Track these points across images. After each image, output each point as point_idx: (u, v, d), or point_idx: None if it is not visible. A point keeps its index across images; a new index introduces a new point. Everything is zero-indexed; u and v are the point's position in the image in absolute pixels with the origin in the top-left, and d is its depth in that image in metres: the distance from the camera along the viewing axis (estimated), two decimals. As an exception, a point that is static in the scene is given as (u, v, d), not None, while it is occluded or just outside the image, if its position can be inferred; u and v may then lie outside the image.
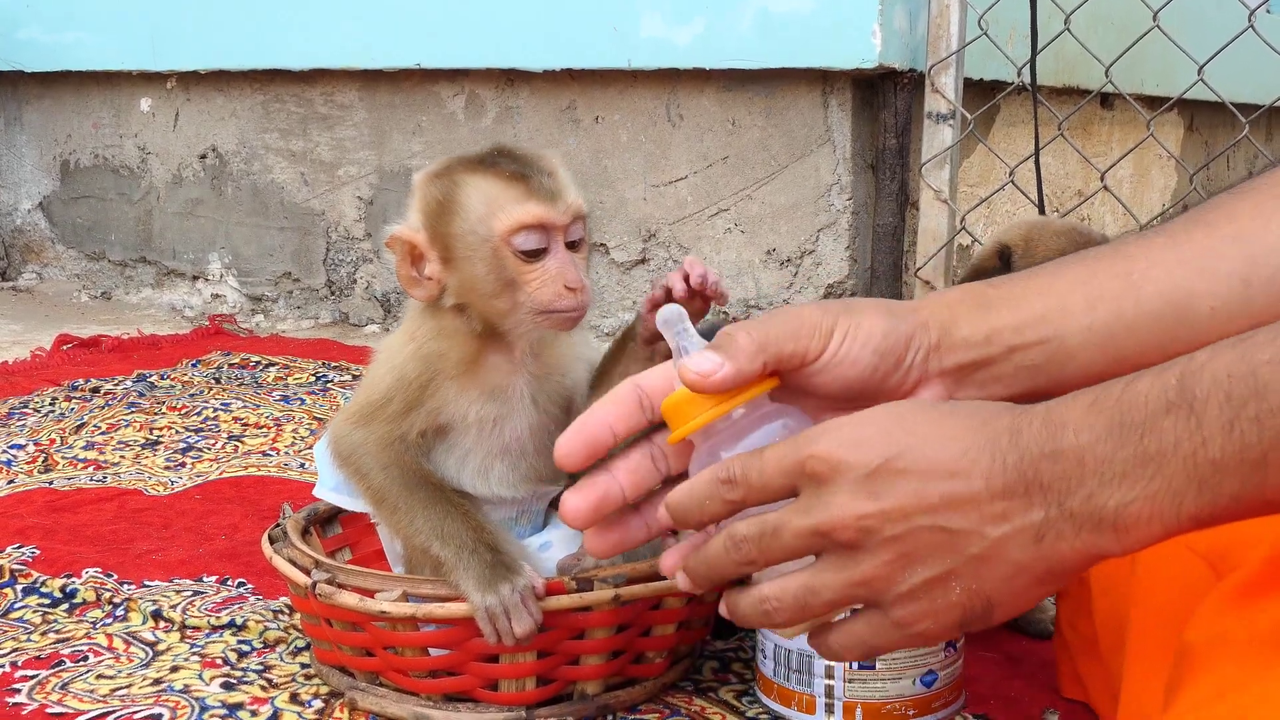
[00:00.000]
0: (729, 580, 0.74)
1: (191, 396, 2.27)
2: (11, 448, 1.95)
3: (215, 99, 3.31)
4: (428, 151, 3.04)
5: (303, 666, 1.21)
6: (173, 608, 1.34)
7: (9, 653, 1.24)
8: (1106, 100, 3.39)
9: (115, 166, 3.51)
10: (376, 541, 1.29)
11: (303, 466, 1.90)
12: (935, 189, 2.48)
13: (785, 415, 0.77)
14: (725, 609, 0.75)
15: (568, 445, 0.78)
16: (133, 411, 2.16)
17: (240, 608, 1.35)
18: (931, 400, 0.73)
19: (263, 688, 1.17)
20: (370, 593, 1.07)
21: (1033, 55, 2.25)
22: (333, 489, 1.19)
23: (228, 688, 1.17)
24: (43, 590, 1.38)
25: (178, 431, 2.06)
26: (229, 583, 1.43)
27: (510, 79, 2.91)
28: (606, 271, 2.81)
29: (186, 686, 1.17)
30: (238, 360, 2.59)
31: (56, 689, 1.17)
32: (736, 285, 2.71)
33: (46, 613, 1.34)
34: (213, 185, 3.36)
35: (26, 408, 2.21)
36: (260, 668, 1.22)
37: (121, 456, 1.93)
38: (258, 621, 1.30)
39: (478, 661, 1.07)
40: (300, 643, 1.26)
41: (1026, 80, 2.32)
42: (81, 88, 3.51)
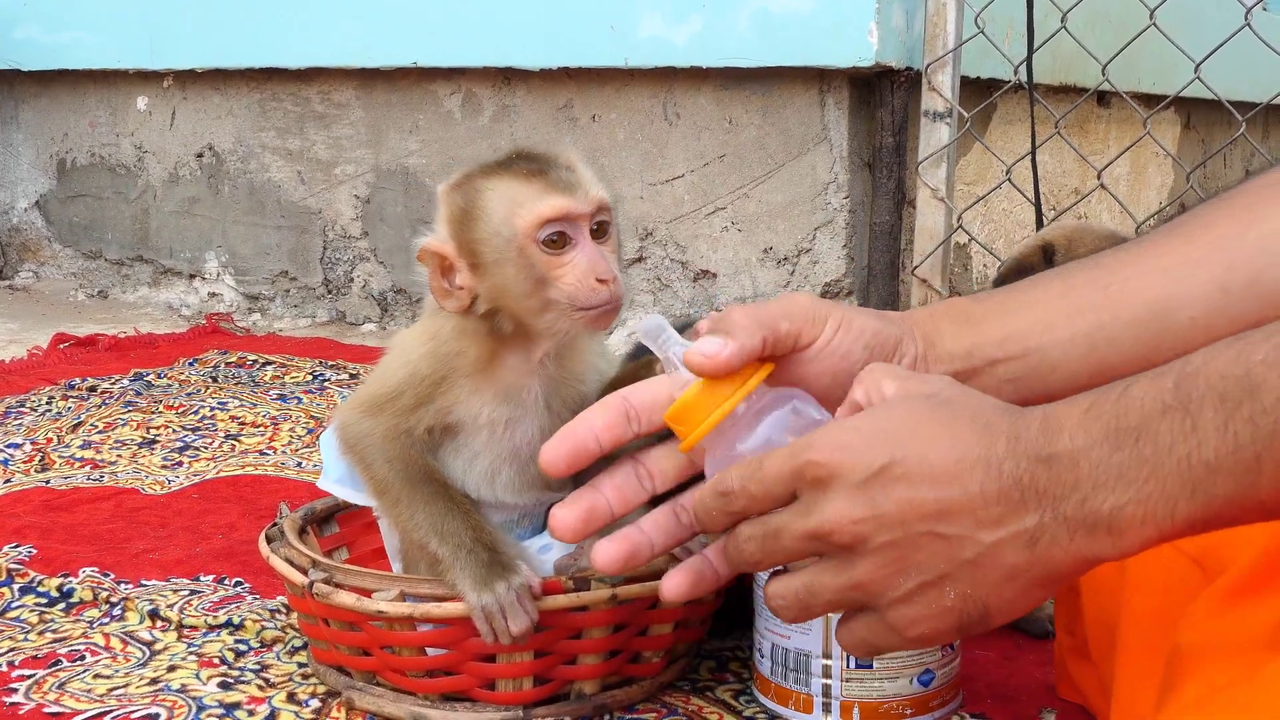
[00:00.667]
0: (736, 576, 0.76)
1: (188, 395, 2.27)
2: (8, 447, 1.94)
3: (212, 98, 3.31)
4: (424, 150, 3.04)
5: (300, 666, 1.21)
6: (170, 607, 1.33)
7: (6, 652, 1.24)
8: (1103, 98, 3.40)
9: (112, 165, 3.51)
10: (374, 541, 1.29)
11: (299, 465, 1.90)
12: (932, 187, 2.48)
13: (793, 398, 0.77)
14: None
15: (552, 451, 0.80)
16: (129, 410, 2.16)
17: (237, 607, 1.35)
18: (929, 397, 0.73)
19: (260, 687, 1.17)
20: (367, 592, 1.07)
21: (1029, 53, 2.25)
22: (337, 481, 1.18)
23: (225, 687, 1.17)
24: (39, 589, 1.38)
25: (175, 430, 2.06)
26: (226, 582, 1.43)
27: (507, 78, 2.90)
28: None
29: (183, 686, 1.17)
30: (235, 359, 2.59)
31: (53, 688, 1.16)
32: (733, 284, 2.71)
33: (43, 612, 1.34)
34: (209, 184, 3.35)
35: (23, 406, 2.20)
36: (257, 667, 1.21)
37: (118, 455, 1.93)
38: (255, 621, 1.30)
39: (475, 661, 1.07)
40: (297, 642, 1.26)
41: (1023, 78, 2.32)
42: (78, 86, 3.51)
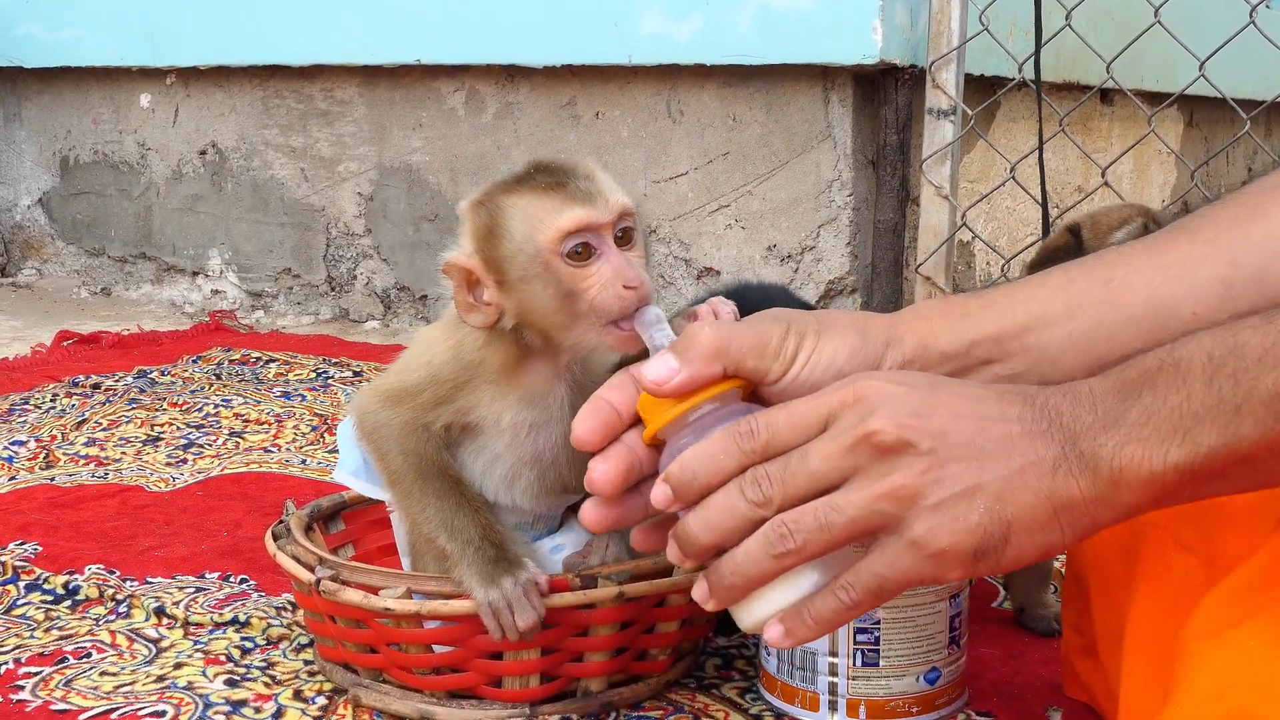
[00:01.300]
0: (731, 537, 0.74)
1: (192, 393, 2.27)
2: (13, 444, 1.94)
3: (215, 95, 3.31)
4: (428, 148, 3.04)
5: (306, 663, 1.21)
6: (175, 604, 1.34)
7: (12, 649, 1.24)
8: (1107, 96, 3.39)
9: (115, 162, 3.51)
10: (381, 538, 1.29)
11: (304, 463, 1.90)
12: (936, 185, 2.48)
13: (755, 412, 0.78)
14: (711, 578, 0.76)
15: (584, 425, 0.80)
16: (134, 408, 2.16)
17: (243, 604, 1.35)
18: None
19: (266, 684, 1.17)
20: (374, 589, 1.07)
21: (1036, 50, 2.25)
22: (352, 473, 1.18)
23: (231, 684, 1.17)
24: (45, 587, 1.38)
25: (179, 428, 2.06)
26: (231, 579, 1.43)
27: (510, 75, 2.90)
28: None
29: (190, 683, 1.17)
30: (238, 356, 2.59)
31: (60, 686, 1.17)
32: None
33: (49, 609, 1.34)
34: (213, 181, 3.35)
35: (27, 404, 2.21)
36: (264, 664, 1.22)
37: (123, 453, 1.93)
38: (261, 618, 1.30)
39: (482, 658, 1.07)
40: (304, 639, 1.26)
41: (1027, 76, 2.31)
42: (81, 83, 3.51)
